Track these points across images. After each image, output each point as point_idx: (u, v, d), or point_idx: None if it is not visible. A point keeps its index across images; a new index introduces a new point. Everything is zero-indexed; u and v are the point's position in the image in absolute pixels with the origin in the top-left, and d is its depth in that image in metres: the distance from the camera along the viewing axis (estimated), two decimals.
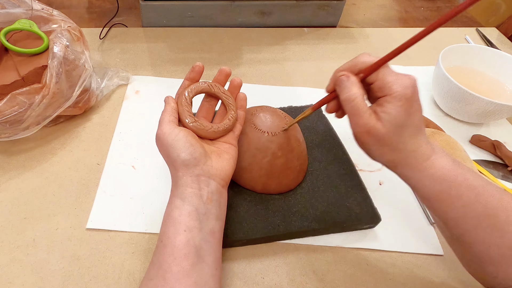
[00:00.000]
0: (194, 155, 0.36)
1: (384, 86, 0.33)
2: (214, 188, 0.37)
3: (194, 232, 0.34)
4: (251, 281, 0.42)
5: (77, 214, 0.47)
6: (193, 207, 0.35)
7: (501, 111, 0.57)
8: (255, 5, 0.78)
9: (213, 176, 0.37)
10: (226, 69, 0.43)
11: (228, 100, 0.42)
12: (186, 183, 0.36)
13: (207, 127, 0.40)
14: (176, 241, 0.34)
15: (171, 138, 0.37)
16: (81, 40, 0.55)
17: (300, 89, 0.68)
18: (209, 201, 0.36)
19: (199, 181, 0.36)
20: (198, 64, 0.42)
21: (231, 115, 0.42)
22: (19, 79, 0.49)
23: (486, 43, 0.84)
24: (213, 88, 0.42)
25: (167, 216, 0.36)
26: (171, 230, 0.35)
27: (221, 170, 0.38)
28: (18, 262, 0.42)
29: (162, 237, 0.35)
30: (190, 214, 0.35)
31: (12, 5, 0.52)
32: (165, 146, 0.37)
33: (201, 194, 0.36)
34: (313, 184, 0.49)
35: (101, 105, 0.61)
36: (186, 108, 0.40)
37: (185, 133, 0.37)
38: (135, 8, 0.83)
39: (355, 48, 0.79)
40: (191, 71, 0.42)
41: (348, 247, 0.46)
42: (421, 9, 0.96)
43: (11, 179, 0.50)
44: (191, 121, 0.39)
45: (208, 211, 0.36)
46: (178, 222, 0.35)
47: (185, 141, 0.37)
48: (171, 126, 0.37)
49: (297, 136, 0.48)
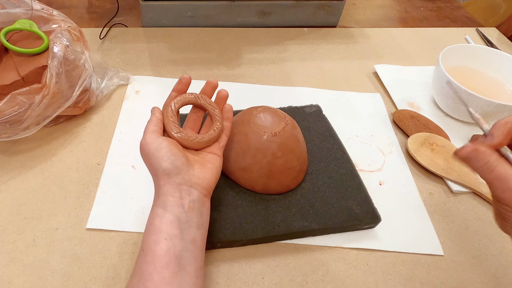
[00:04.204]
0: (175, 164, 0.37)
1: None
2: (195, 197, 0.37)
3: (175, 240, 0.34)
4: (251, 281, 0.42)
5: (77, 214, 0.47)
6: (175, 215, 0.35)
7: (501, 111, 0.57)
8: (255, 5, 0.78)
9: (195, 185, 0.38)
10: (213, 82, 0.44)
11: (214, 111, 0.43)
12: (167, 192, 0.36)
13: (191, 137, 0.40)
14: (157, 249, 0.34)
15: (153, 147, 0.37)
16: (81, 40, 0.55)
17: (300, 89, 0.67)
18: (191, 210, 0.36)
19: (180, 190, 0.37)
20: (185, 76, 0.43)
21: (217, 126, 0.42)
22: (19, 79, 0.49)
23: (486, 43, 0.84)
24: (199, 99, 0.43)
25: (148, 224, 0.36)
26: (152, 238, 0.35)
27: (203, 179, 0.39)
28: (18, 262, 0.42)
29: (143, 245, 0.35)
30: (171, 223, 0.35)
31: (12, 5, 0.52)
32: (148, 155, 0.38)
33: (183, 203, 0.36)
34: (313, 184, 0.49)
35: (101, 105, 0.61)
36: (172, 119, 0.40)
37: (167, 143, 0.38)
38: (135, 8, 0.83)
39: (355, 48, 0.79)
40: (178, 82, 0.43)
41: (348, 247, 0.46)
42: (421, 9, 0.96)
43: (11, 179, 0.50)
44: (176, 132, 0.40)
45: (190, 220, 0.36)
46: (159, 230, 0.35)
47: (167, 150, 0.37)
48: (155, 136, 0.38)
49: (297, 136, 0.48)
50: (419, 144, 0.58)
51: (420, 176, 0.56)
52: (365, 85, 0.70)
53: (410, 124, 0.62)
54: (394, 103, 0.67)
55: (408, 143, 0.58)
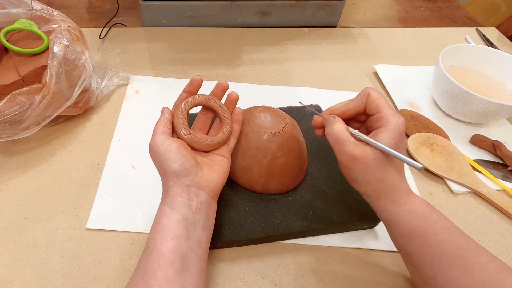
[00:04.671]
0: (185, 166, 0.37)
1: (382, 117, 0.38)
2: (203, 199, 0.38)
3: (181, 240, 0.35)
4: (251, 281, 0.42)
5: (77, 214, 0.47)
6: (182, 216, 0.36)
7: (501, 111, 0.57)
8: (255, 5, 0.78)
9: (203, 187, 0.38)
10: (223, 83, 0.44)
11: (223, 114, 0.43)
12: (176, 192, 0.37)
13: (201, 140, 0.41)
14: (162, 248, 0.34)
15: (163, 148, 0.38)
16: (81, 40, 0.55)
17: (300, 89, 0.67)
18: (198, 211, 0.37)
19: (189, 191, 0.37)
20: (197, 78, 0.43)
21: (226, 129, 0.43)
22: (19, 79, 0.49)
23: (486, 43, 0.84)
24: (209, 101, 0.43)
25: (155, 223, 0.36)
26: (158, 236, 0.35)
27: (212, 181, 0.39)
28: (18, 262, 0.42)
29: (149, 243, 0.35)
30: (178, 223, 0.35)
31: (12, 5, 0.52)
32: (158, 156, 0.38)
33: (190, 204, 0.37)
34: (313, 184, 0.49)
35: (101, 105, 0.61)
36: (182, 121, 0.40)
37: (177, 145, 0.38)
38: (135, 8, 0.83)
39: (355, 48, 0.79)
40: (189, 84, 0.43)
41: (348, 247, 0.46)
42: (421, 9, 0.96)
43: (11, 179, 0.50)
44: (185, 134, 0.40)
45: (196, 221, 0.36)
46: (166, 229, 0.35)
47: (176, 152, 0.37)
48: (164, 137, 0.38)
49: (297, 136, 0.48)
50: (419, 144, 0.58)
51: (420, 176, 0.56)
52: (365, 85, 0.70)
53: (410, 124, 0.62)
54: (394, 103, 0.67)
55: (408, 143, 0.58)
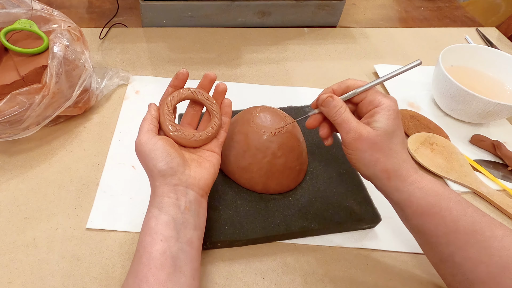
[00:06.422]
0: (171, 165, 0.36)
1: (373, 100, 0.38)
2: (192, 198, 0.37)
3: (170, 242, 0.34)
4: (251, 281, 0.42)
5: (77, 214, 0.47)
6: (170, 216, 0.35)
7: (501, 111, 0.57)
8: (255, 5, 0.78)
9: (191, 185, 0.37)
10: (210, 74, 0.42)
11: (212, 107, 0.41)
12: (163, 192, 0.36)
13: (188, 136, 0.39)
14: (152, 250, 0.33)
15: (148, 147, 0.36)
16: (81, 40, 0.55)
17: (300, 89, 0.68)
18: (187, 210, 0.36)
19: (176, 190, 0.36)
20: (182, 71, 0.41)
21: (215, 123, 0.41)
22: (19, 79, 0.49)
23: (486, 43, 0.84)
24: (196, 95, 0.41)
25: (144, 225, 0.36)
26: (147, 239, 0.34)
27: (200, 179, 0.38)
28: (18, 262, 0.42)
29: (139, 246, 0.35)
30: (167, 224, 0.35)
31: (12, 5, 0.52)
32: (143, 156, 0.37)
33: (179, 203, 0.36)
34: (313, 184, 0.49)
35: (101, 105, 0.61)
36: (168, 117, 0.39)
37: (162, 143, 0.37)
38: (135, 8, 0.83)
39: (355, 48, 0.79)
40: (175, 78, 0.41)
41: (348, 247, 0.46)
42: (421, 9, 0.96)
43: (11, 179, 0.50)
44: (172, 130, 0.39)
45: (186, 221, 0.36)
46: (154, 231, 0.34)
47: (162, 151, 0.36)
48: (149, 135, 0.37)
49: (297, 136, 0.48)
50: (419, 144, 0.58)
51: None
52: None
53: (410, 124, 0.62)
54: None
55: (408, 143, 0.58)
